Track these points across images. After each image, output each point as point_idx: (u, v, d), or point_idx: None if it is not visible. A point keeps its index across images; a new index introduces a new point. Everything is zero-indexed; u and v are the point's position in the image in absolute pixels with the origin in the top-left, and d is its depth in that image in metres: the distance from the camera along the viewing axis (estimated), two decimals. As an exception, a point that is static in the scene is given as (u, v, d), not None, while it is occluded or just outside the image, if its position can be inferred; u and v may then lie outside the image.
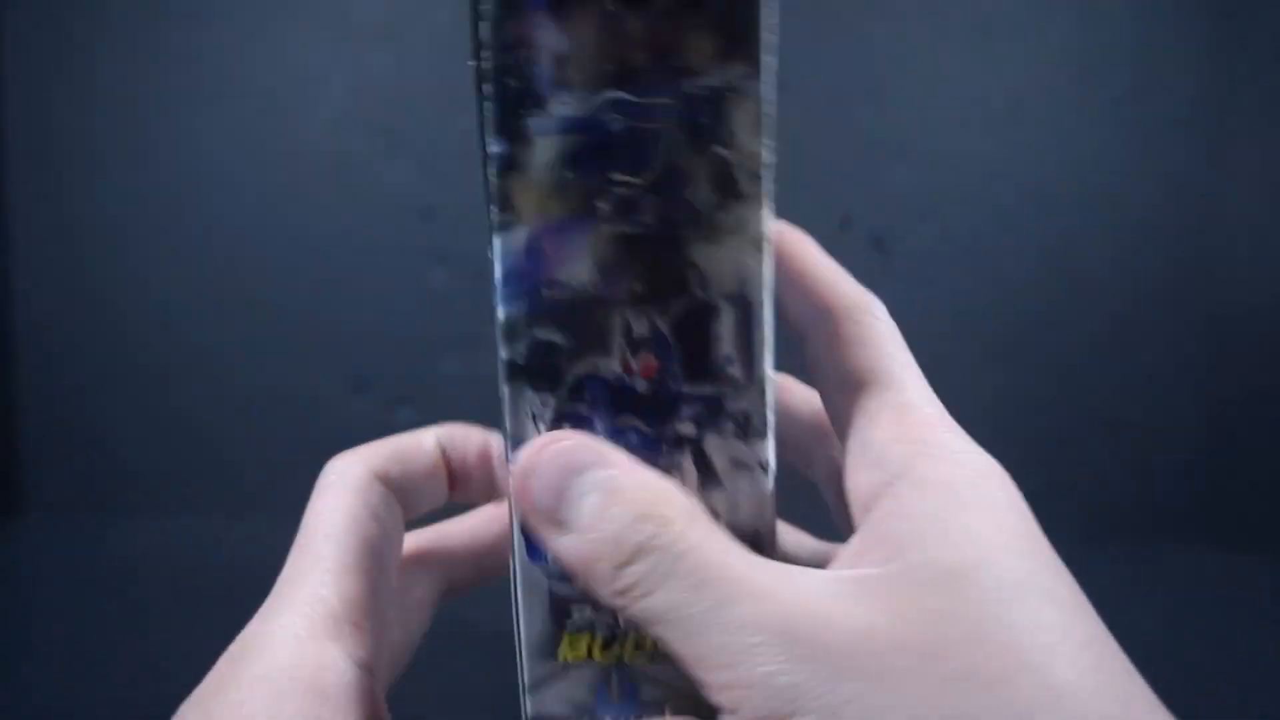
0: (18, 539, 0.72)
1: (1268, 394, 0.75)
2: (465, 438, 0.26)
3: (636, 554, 0.17)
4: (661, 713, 0.22)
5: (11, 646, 0.52)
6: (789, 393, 0.26)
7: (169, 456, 0.77)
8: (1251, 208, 0.76)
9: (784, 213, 0.22)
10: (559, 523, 0.19)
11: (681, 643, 0.17)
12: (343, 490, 0.24)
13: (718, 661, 0.16)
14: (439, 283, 0.75)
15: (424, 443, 0.25)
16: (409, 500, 0.25)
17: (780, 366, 0.23)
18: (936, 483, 0.18)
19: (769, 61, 0.19)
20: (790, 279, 0.22)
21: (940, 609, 0.16)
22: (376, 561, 0.22)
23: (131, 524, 0.73)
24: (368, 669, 0.21)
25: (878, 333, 0.21)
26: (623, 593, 0.17)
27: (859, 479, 0.19)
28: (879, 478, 0.19)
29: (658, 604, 0.17)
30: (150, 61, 0.75)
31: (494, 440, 0.26)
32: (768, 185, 0.20)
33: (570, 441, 0.19)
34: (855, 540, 0.18)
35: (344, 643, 0.20)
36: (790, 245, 0.23)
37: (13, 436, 0.76)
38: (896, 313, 0.23)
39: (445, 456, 0.26)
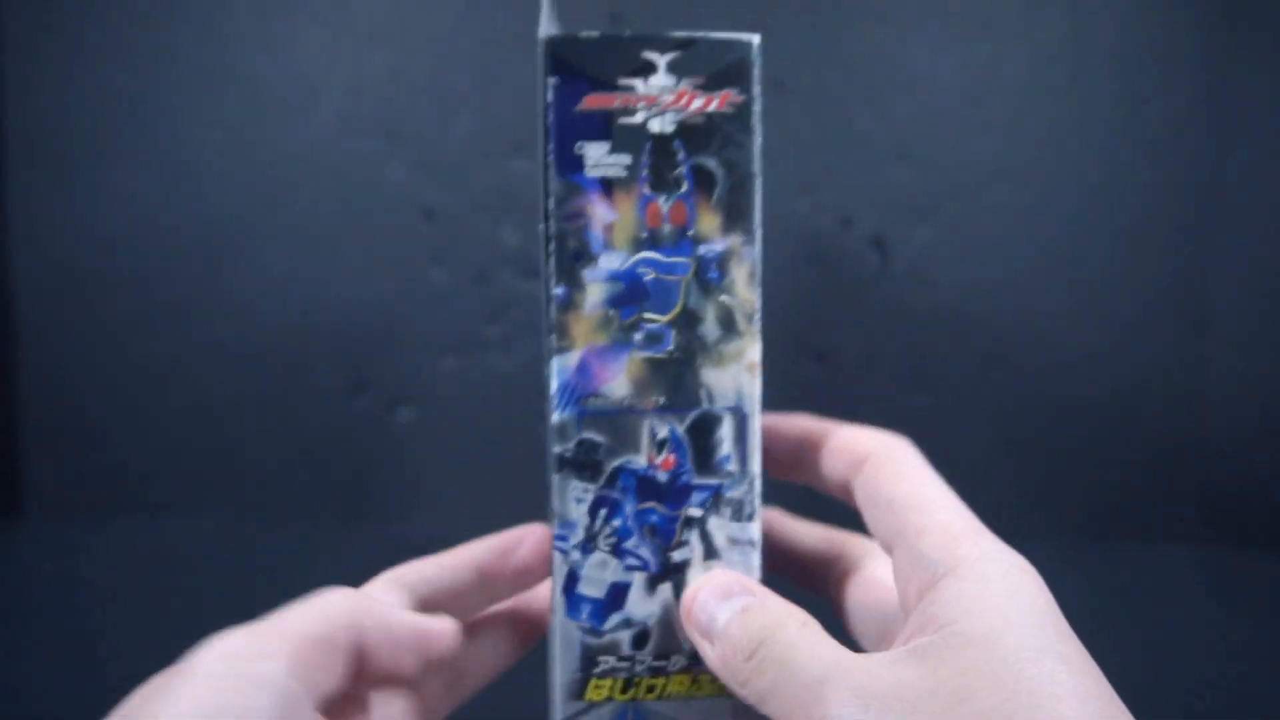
0: (18, 539, 0.72)
1: (1268, 393, 0.75)
2: (491, 547, 0.30)
3: (754, 652, 0.23)
4: None
5: (11, 646, 0.52)
6: (797, 531, 0.33)
7: (169, 456, 0.77)
8: (1251, 208, 0.76)
9: (784, 213, 0.24)
10: (709, 636, 0.25)
11: (780, 711, 0.22)
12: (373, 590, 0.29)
13: (802, 713, 0.21)
14: (439, 283, 0.75)
15: (458, 559, 0.30)
16: (444, 607, 0.30)
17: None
18: (972, 575, 0.22)
19: (759, 234, 0.28)
20: (830, 450, 0.30)
21: (968, 665, 0.19)
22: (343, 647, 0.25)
23: (131, 524, 0.73)
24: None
25: (912, 467, 0.27)
26: (744, 683, 0.23)
27: (910, 581, 0.23)
28: (926, 578, 0.23)
29: (766, 684, 0.22)
30: (150, 61, 0.75)
31: (528, 532, 0.30)
32: (758, 324, 0.28)
33: (725, 577, 0.27)
34: (907, 625, 0.23)
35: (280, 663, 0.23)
36: (816, 433, 0.30)
37: (13, 436, 0.76)
38: (897, 313, 0.26)
39: (480, 570, 0.30)
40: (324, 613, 0.24)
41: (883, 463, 0.27)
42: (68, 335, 0.76)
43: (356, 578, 0.29)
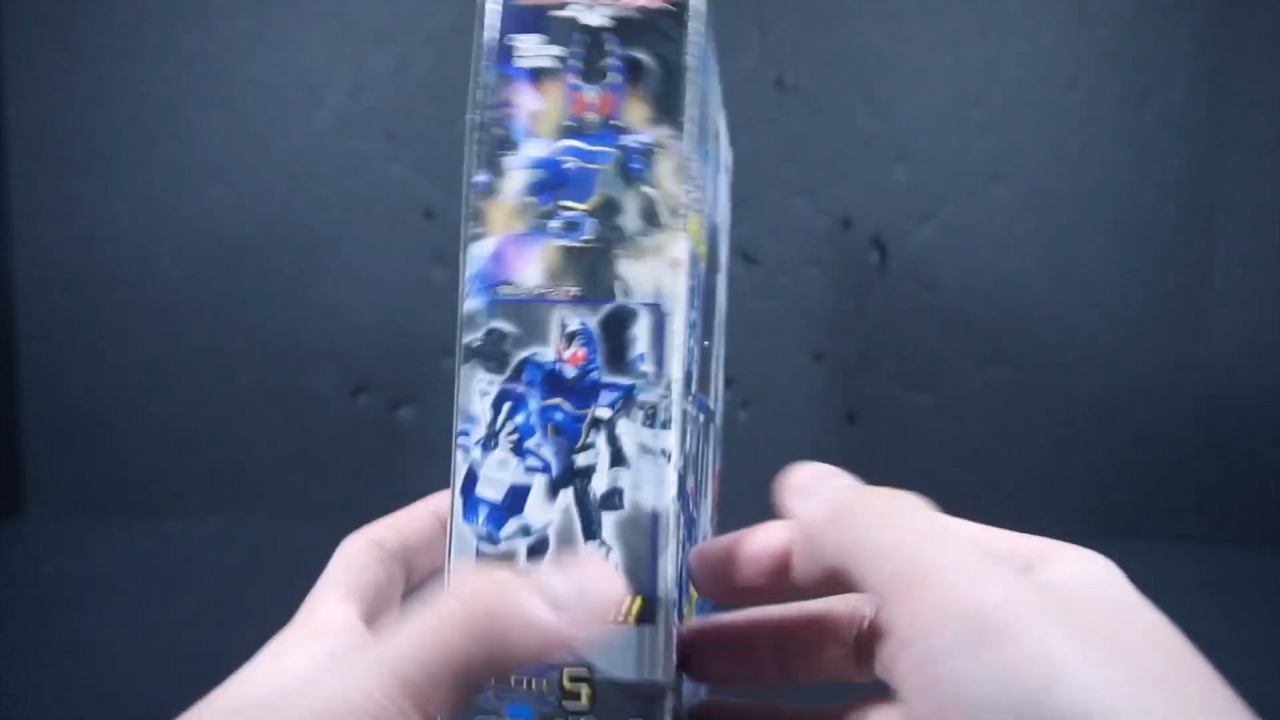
0: (18, 539, 0.72)
1: (1267, 393, 0.75)
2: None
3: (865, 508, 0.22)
4: (560, 673, 0.25)
5: (11, 646, 0.52)
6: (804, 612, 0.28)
7: (169, 456, 0.77)
8: (1251, 208, 0.76)
9: (785, 213, 0.23)
10: (806, 493, 0.24)
11: (876, 566, 0.20)
12: (345, 552, 0.27)
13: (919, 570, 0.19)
14: (439, 283, 0.75)
15: (419, 514, 0.29)
16: (411, 558, 0.28)
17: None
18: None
19: (690, 128, 0.26)
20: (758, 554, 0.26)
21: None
22: (368, 597, 0.26)
23: (131, 524, 0.73)
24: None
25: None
26: (834, 521, 0.22)
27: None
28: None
29: (870, 537, 0.21)
30: (151, 62, 0.75)
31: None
32: (685, 221, 0.26)
33: (812, 468, 0.25)
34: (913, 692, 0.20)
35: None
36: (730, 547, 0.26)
37: (13, 436, 0.76)
38: (897, 312, 0.25)
39: (438, 518, 0.29)
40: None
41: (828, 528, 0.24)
42: (68, 335, 0.76)
43: None
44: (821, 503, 0.23)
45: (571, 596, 0.22)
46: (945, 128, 0.76)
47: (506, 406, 0.26)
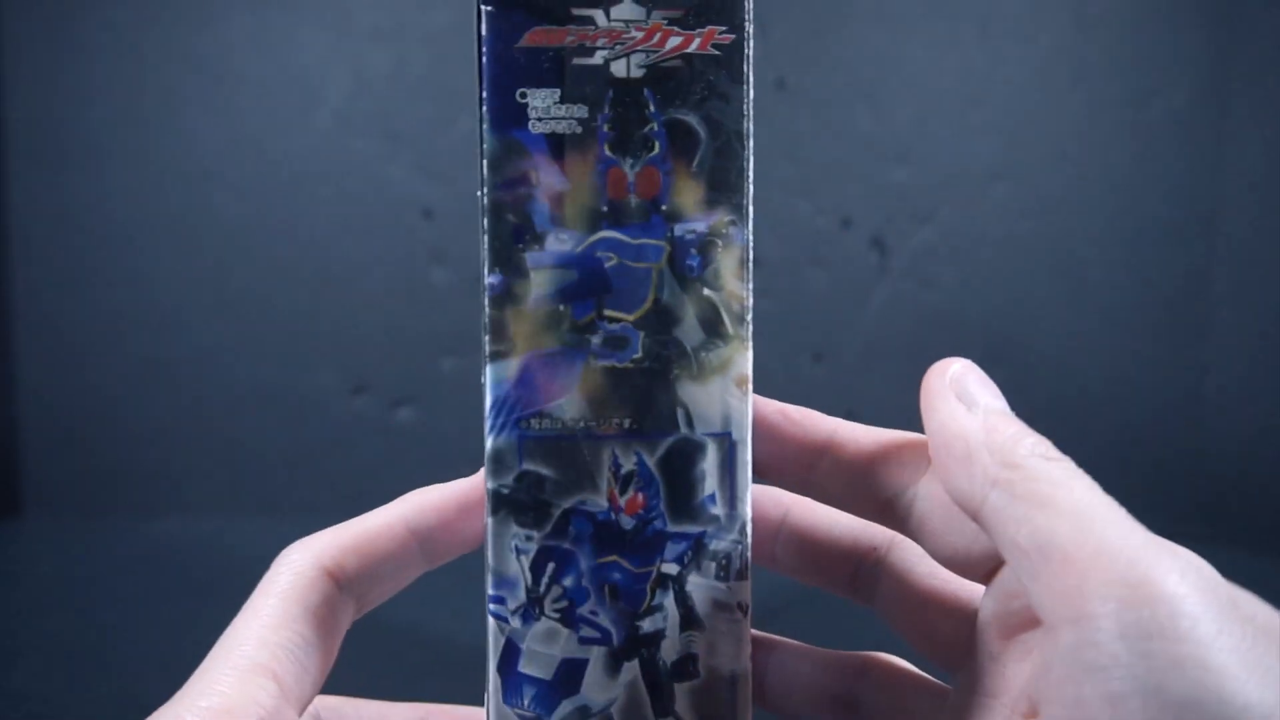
0: (18, 539, 0.72)
1: (1268, 395, 0.75)
2: (437, 506, 0.24)
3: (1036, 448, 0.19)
4: None
5: (11, 646, 0.52)
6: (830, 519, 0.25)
7: (169, 456, 0.77)
8: (1251, 208, 0.76)
9: (785, 213, 0.22)
10: (969, 400, 0.20)
11: (1028, 527, 0.18)
12: (284, 590, 0.22)
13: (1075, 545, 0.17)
14: (439, 283, 0.75)
15: (391, 526, 0.23)
16: (369, 589, 0.23)
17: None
18: None
19: (750, 210, 0.21)
20: (862, 454, 0.22)
21: None
22: (294, 665, 0.21)
23: (131, 524, 0.73)
24: None
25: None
26: (1010, 464, 0.19)
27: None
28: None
29: (1035, 489, 0.18)
30: (151, 62, 0.75)
31: (459, 489, 0.24)
32: (749, 328, 0.21)
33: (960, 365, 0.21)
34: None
35: None
36: (823, 432, 0.23)
37: (13, 436, 0.76)
38: (897, 313, 0.24)
39: (419, 534, 0.24)
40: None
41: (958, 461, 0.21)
42: (67, 335, 0.76)
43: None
44: (986, 427, 0.20)
45: None
46: (945, 129, 0.76)
47: (550, 568, 0.21)
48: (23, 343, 0.76)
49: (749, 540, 0.21)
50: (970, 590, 0.22)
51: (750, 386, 0.21)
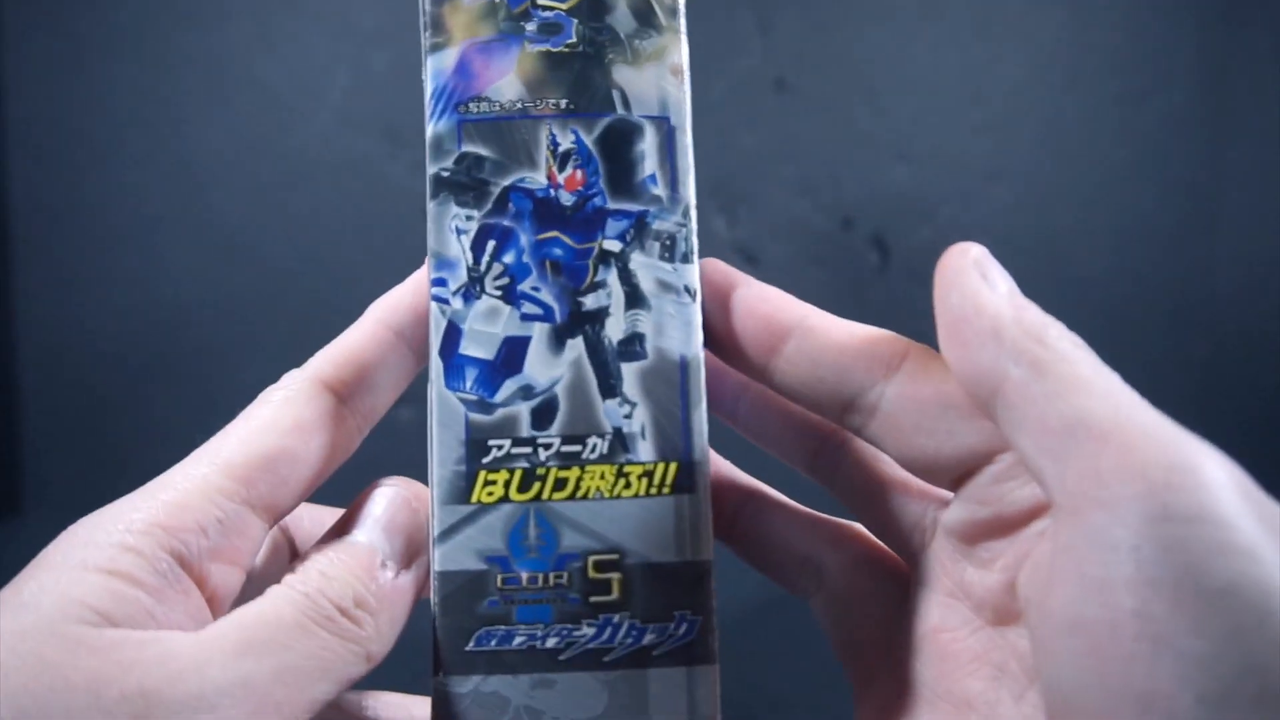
0: (18, 539, 0.72)
1: (1268, 394, 0.75)
2: (408, 301, 0.24)
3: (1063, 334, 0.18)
4: (583, 562, 0.20)
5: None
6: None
7: (169, 456, 0.76)
8: (1251, 208, 0.76)
9: (785, 213, 0.22)
10: (990, 278, 0.20)
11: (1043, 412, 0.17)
12: (277, 401, 0.22)
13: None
14: (439, 283, 0.75)
15: (375, 332, 0.23)
16: (372, 397, 0.23)
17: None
18: None
19: None
20: (824, 345, 0.21)
21: None
22: (268, 474, 0.20)
23: (131, 524, 0.73)
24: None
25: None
26: (1039, 340, 0.18)
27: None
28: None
29: (1059, 368, 0.17)
30: (151, 61, 0.75)
31: (421, 278, 0.24)
32: (683, 21, 0.21)
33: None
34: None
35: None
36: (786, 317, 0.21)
37: (13, 436, 0.76)
38: (897, 313, 0.23)
39: (401, 332, 0.23)
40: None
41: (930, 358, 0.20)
42: (68, 335, 0.76)
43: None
44: (1013, 304, 0.19)
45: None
46: (945, 128, 0.76)
47: (491, 245, 0.21)
48: (24, 342, 0.76)
49: (693, 226, 0.21)
50: (932, 489, 0.21)
51: (686, 78, 0.21)
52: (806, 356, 0.21)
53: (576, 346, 0.21)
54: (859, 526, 0.23)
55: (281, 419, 0.21)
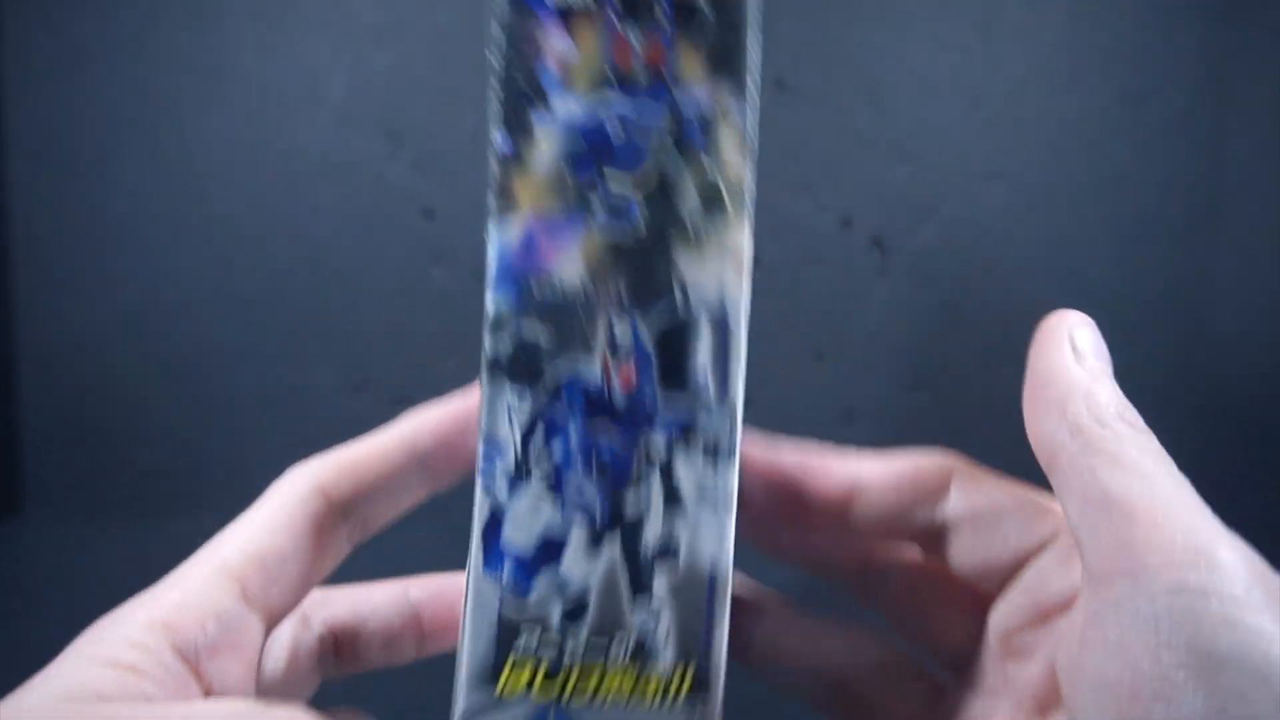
0: (18, 539, 0.72)
1: (1268, 394, 0.75)
2: (434, 424, 0.24)
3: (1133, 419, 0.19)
4: None
5: (11, 647, 0.52)
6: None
7: (169, 456, 0.77)
8: (1251, 208, 0.76)
9: (784, 213, 0.23)
10: (1076, 346, 0.21)
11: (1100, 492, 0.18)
12: (273, 503, 0.23)
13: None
14: (439, 283, 0.75)
15: (388, 448, 0.24)
16: (366, 510, 0.23)
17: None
18: None
19: (752, 92, 0.22)
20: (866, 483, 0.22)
21: None
22: (262, 573, 0.21)
23: (131, 524, 0.73)
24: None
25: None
26: (1109, 418, 0.19)
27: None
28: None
29: (1128, 455, 0.18)
30: (150, 61, 0.75)
31: (458, 406, 0.24)
32: (749, 207, 0.22)
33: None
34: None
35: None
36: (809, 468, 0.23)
37: (13, 436, 0.76)
38: (897, 313, 0.24)
39: (417, 455, 0.24)
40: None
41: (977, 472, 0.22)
42: (68, 335, 0.76)
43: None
44: (1089, 379, 0.20)
45: None
46: (945, 127, 0.76)
47: (541, 434, 0.21)
48: (24, 342, 0.76)
49: (739, 427, 0.21)
50: (980, 590, 0.22)
51: (748, 267, 0.22)
52: (866, 513, 0.22)
53: (613, 546, 0.21)
54: (879, 636, 0.24)
55: (274, 519, 0.22)
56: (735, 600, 0.23)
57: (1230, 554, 0.17)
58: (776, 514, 0.23)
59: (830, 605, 0.24)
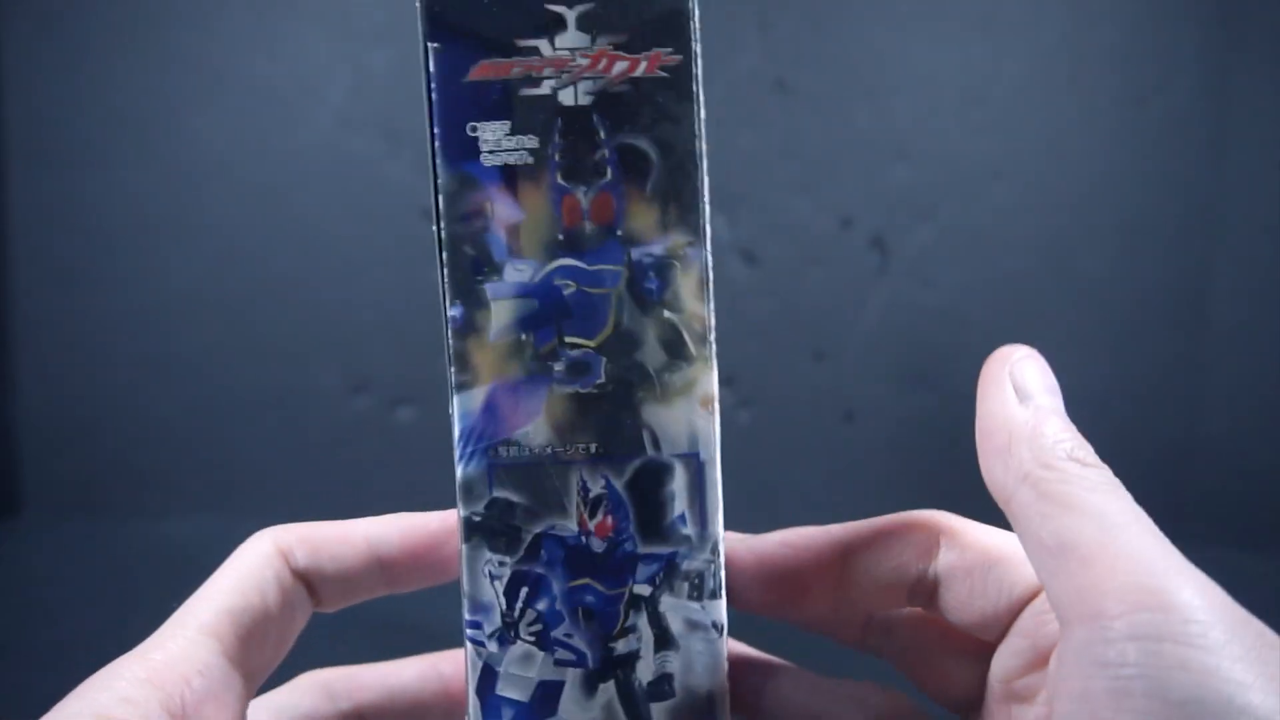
0: (18, 539, 0.72)
1: (1267, 394, 0.75)
2: (401, 533, 0.24)
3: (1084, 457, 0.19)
4: None
5: (11, 646, 0.52)
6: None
7: (168, 456, 0.77)
8: (1251, 208, 0.76)
9: (784, 213, 0.22)
10: (1025, 393, 0.21)
11: (1058, 534, 0.18)
12: (240, 562, 0.23)
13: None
14: (438, 282, 0.75)
15: (351, 536, 0.24)
16: (321, 586, 0.24)
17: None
18: None
19: (708, 230, 0.21)
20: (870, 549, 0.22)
21: None
22: (238, 629, 0.22)
23: (131, 524, 0.73)
24: None
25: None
26: (1053, 463, 0.19)
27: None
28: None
29: (1075, 492, 0.18)
30: (150, 61, 0.75)
31: (428, 522, 0.24)
32: (712, 347, 0.21)
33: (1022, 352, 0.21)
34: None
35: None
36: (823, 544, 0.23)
37: (12, 436, 0.76)
38: (897, 312, 0.24)
39: (378, 556, 0.24)
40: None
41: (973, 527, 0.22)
42: (67, 335, 0.76)
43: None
44: (1033, 422, 0.20)
45: None
46: (945, 127, 0.76)
47: (524, 592, 0.22)
48: (23, 342, 0.76)
49: (721, 559, 0.22)
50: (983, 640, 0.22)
51: (716, 406, 0.22)
52: (859, 580, 0.22)
53: (608, 690, 0.22)
54: (888, 690, 0.24)
55: (244, 580, 0.23)
56: (742, 660, 0.24)
57: (1186, 592, 0.16)
58: (773, 600, 0.23)
59: (833, 650, 0.25)
